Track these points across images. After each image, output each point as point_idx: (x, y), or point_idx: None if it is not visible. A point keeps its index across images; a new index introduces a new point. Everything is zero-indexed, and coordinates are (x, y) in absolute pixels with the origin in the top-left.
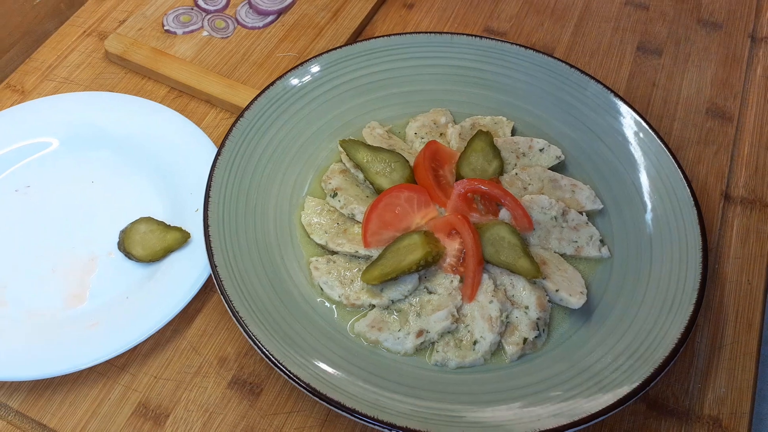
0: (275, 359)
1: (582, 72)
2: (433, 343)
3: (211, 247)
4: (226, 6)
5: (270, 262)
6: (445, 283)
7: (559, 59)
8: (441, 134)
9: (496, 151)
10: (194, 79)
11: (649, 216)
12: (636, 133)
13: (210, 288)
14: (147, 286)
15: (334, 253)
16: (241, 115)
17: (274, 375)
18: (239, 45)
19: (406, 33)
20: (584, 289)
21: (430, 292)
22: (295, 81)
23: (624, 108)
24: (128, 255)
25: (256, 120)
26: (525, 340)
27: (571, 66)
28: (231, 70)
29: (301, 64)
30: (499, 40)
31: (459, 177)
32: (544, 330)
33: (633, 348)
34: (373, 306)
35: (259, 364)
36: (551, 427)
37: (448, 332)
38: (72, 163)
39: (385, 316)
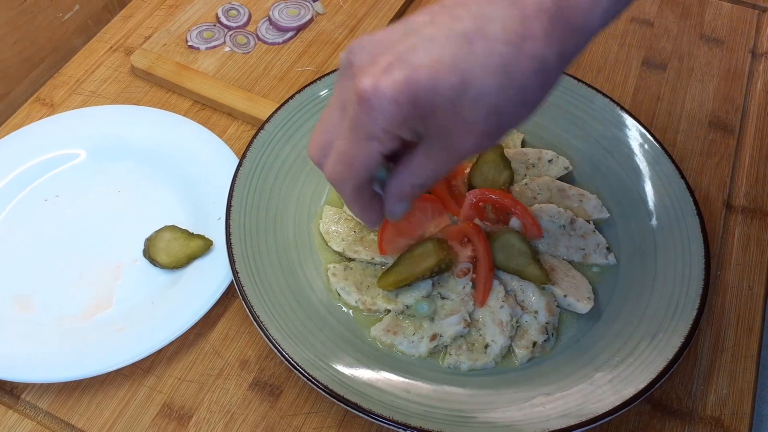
0: (294, 362)
1: (589, 86)
2: (446, 347)
3: (232, 254)
4: (248, 23)
5: (289, 268)
6: (458, 288)
7: (567, 73)
8: None
9: (506, 162)
10: (217, 92)
11: (653, 224)
12: (641, 145)
13: (232, 293)
14: (171, 291)
15: (351, 260)
16: (261, 128)
17: (294, 377)
18: (260, 60)
19: None
20: (591, 294)
21: (443, 298)
22: (313, 94)
23: (630, 120)
24: (153, 262)
25: (276, 132)
26: (534, 343)
27: (579, 80)
28: (252, 84)
29: (320, 78)
30: None
31: (471, 187)
32: (552, 334)
33: (638, 351)
34: (389, 311)
35: (278, 367)
36: (560, 427)
37: (461, 336)
38: (99, 173)
39: (400, 321)
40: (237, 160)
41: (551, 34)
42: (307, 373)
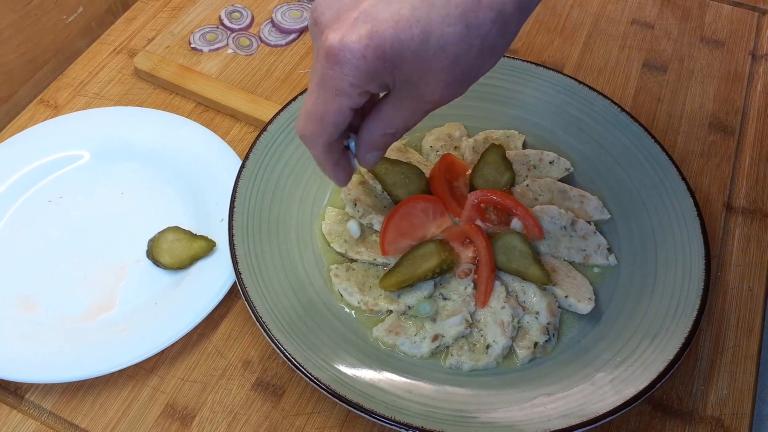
0: (297, 362)
1: (590, 88)
2: (448, 347)
3: (235, 255)
4: (250, 25)
5: (292, 269)
6: (460, 289)
7: (568, 76)
8: (455, 147)
9: (508, 164)
10: (219, 94)
11: (654, 225)
12: (642, 146)
13: (235, 294)
14: (174, 292)
15: (353, 261)
16: (264, 129)
17: (296, 378)
18: (263, 62)
19: None
20: (592, 295)
21: (445, 298)
22: None
23: (630, 122)
24: (156, 263)
25: (279, 133)
26: (536, 344)
27: (580, 82)
28: (255, 86)
29: None
30: (511, 57)
31: (472, 188)
32: (554, 334)
33: (639, 351)
34: (391, 311)
35: (281, 367)
36: (561, 427)
37: (463, 336)
38: (102, 175)
39: (402, 321)
40: (240, 162)
41: None
42: (310, 374)
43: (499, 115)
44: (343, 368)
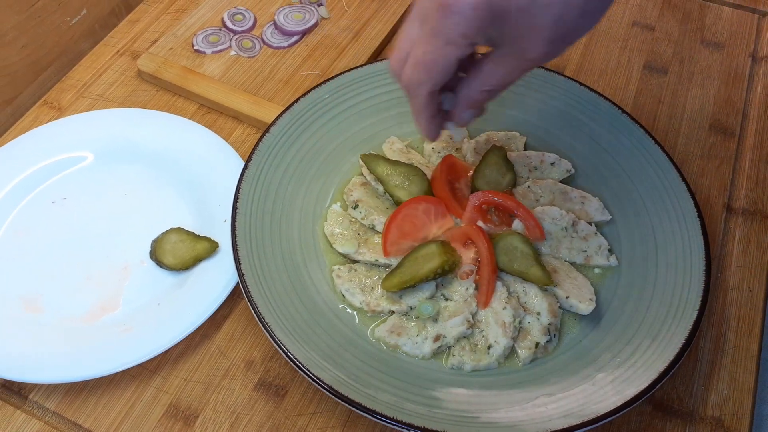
0: (299, 363)
1: (591, 90)
2: (449, 348)
3: (238, 256)
4: (253, 27)
5: (294, 270)
6: (461, 290)
7: (569, 77)
8: (457, 149)
9: (509, 165)
10: (222, 96)
11: (654, 226)
12: (642, 148)
13: (237, 295)
14: (177, 293)
15: (355, 261)
16: (266, 131)
17: (299, 378)
18: (265, 64)
19: None
20: (593, 296)
21: (446, 299)
22: (318, 98)
23: (631, 124)
24: (160, 264)
25: (281, 135)
26: (537, 344)
27: (581, 84)
28: (257, 87)
29: (324, 82)
30: None
31: (474, 189)
32: (555, 335)
33: (640, 352)
34: (393, 312)
35: (284, 368)
36: (562, 427)
37: (464, 337)
38: (106, 176)
39: (404, 322)
40: (242, 163)
41: None
42: (312, 374)
43: (501, 117)
44: (345, 368)
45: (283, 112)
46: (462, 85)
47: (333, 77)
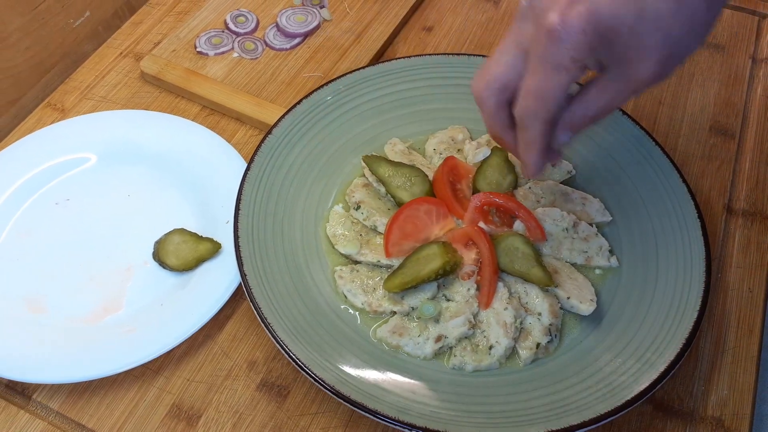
0: (302, 363)
1: None
2: (451, 348)
3: (241, 256)
4: (256, 29)
5: (297, 271)
6: (463, 291)
7: None
8: (458, 150)
9: (510, 166)
10: (225, 98)
11: (655, 227)
12: (643, 149)
13: (240, 295)
14: (180, 293)
15: (357, 262)
16: (269, 132)
17: (301, 378)
18: (267, 66)
19: (425, 54)
20: (594, 296)
21: (448, 300)
22: (320, 100)
23: (631, 125)
24: (163, 264)
25: (284, 137)
26: (538, 344)
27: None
28: (260, 89)
29: (326, 83)
30: None
31: (475, 190)
32: (556, 335)
33: (640, 352)
34: (395, 313)
35: (286, 368)
36: (563, 426)
37: (466, 337)
38: (109, 177)
39: (405, 322)
40: (245, 164)
41: None
42: (314, 374)
43: None
44: (347, 369)
45: (286, 113)
46: (564, 110)
47: (335, 79)
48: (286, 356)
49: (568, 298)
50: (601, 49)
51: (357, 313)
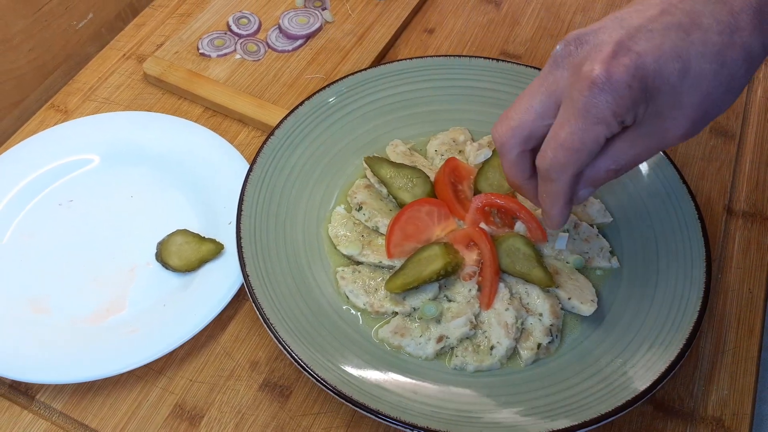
0: (304, 363)
1: None
2: (452, 348)
3: (243, 257)
4: (258, 31)
5: (299, 271)
6: (464, 291)
7: None
8: (460, 151)
9: None
10: (227, 99)
11: (655, 228)
12: None
13: (242, 296)
14: (183, 294)
15: (359, 263)
16: (271, 134)
17: (303, 378)
18: (270, 67)
19: (426, 56)
20: (595, 297)
21: (449, 300)
22: (322, 101)
23: None
24: (165, 265)
25: (286, 138)
26: (539, 345)
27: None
28: (262, 91)
29: (328, 85)
30: (514, 62)
31: (477, 192)
32: (557, 336)
33: (641, 352)
34: (396, 313)
35: (288, 368)
36: (564, 427)
37: (467, 338)
38: (112, 178)
39: (407, 323)
40: (247, 166)
41: (757, 26)
42: (316, 375)
43: None
44: (349, 369)
45: (288, 115)
46: (587, 165)
47: (337, 80)
48: (289, 357)
49: (569, 298)
50: (641, 105)
51: (359, 313)
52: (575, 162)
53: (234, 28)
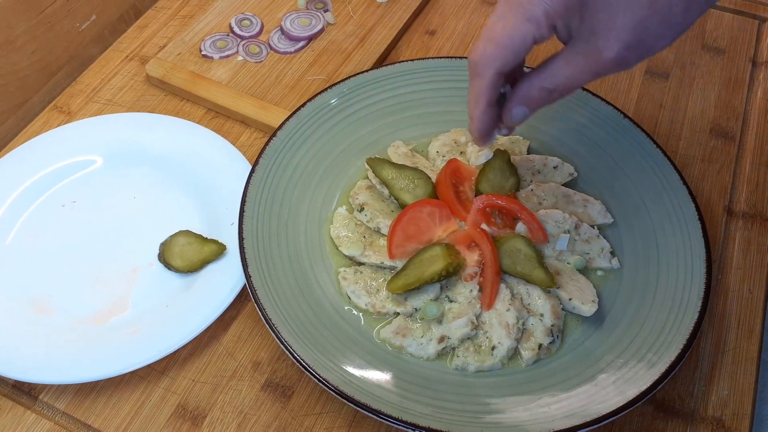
0: (306, 364)
1: (594, 94)
2: (453, 349)
3: (245, 258)
4: (260, 32)
5: (301, 272)
6: (465, 292)
7: None
8: (461, 152)
9: (512, 169)
10: (230, 101)
11: (656, 229)
12: (644, 152)
13: (245, 297)
14: (185, 295)
15: (361, 264)
16: (273, 135)
17: (305, 378)
18: (272, 69)
19: (428, 58)
20: (596, 297)
21: (451, 301)
22: (324, 103)
23: (633, 128)
24: (168, 266)
25: (288, 139)
26: (540, 345)
27: (583, 89)
28: (264, 92)
29: (330, 86)
30: None
31: (478, 193)
32: (558, 336)
33: (642, 353)
34: (398, 314)
35: (290, 369)
36: (565, 427)
37: (468, 338)
38: (115, 179)
39: (409, 323)
40: (250, 167)
41: None
42: (318, 375)
43: None
44: (350, 369)
45: (290, 116)
46: (522, 80)
47: (339, 82)
48: (291, 357)
49: (570, 299)
50: (575, 14)
51: (360, 314)
52: (499, 57)
53: (236, 29)
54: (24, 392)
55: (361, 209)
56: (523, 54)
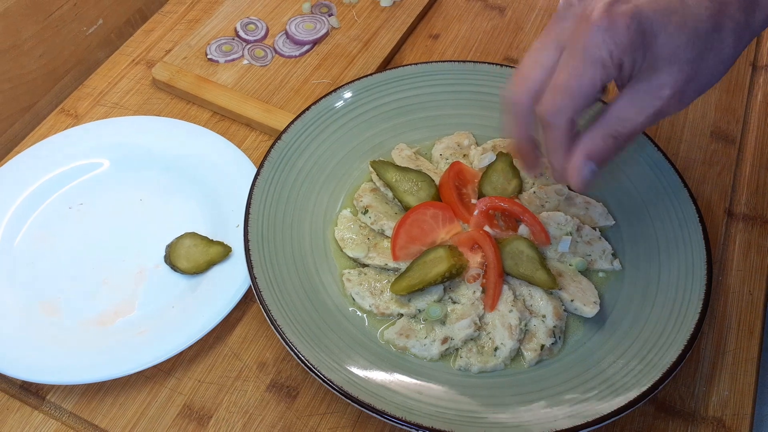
0: (311, 364)
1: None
2: (457, 350)
3: (251, 260)
4: (265, 36)
5: (305, 274)
6: (468, 293)
7: None
8: (464, 155)
9: (515, 171)
10: (235, 104)
11: (657, 231)
12: (645, 154)
13: (250, 298)
14: (191, 296)
15: (365, 265)
16: (278, 138)
17: (310, 379)
18: (277, 72)
19: (431, 61)
20: (597, 299)
21: (454, 302)
22: (328, 106)
23: None
24: (174, 267)
25: (293, 142)
26: (542, 346)
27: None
28: (269, 95)
29: (335, 90)
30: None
31: (481, 195)
32: (560, 337)
33: (643, 354)
34: (402, 315)
35: (295, 369)
36: (566, 427)
37: (471, 339)
38: (122, 182)
39: (412, 325)
40: (255, 170)
41: (743, 4)
42: (323, 375)
43: None
44: (355, 370)
45: (295, 119)
46: (584, 132)
47: (343, 86)
48: (296, 358)
49: (572, 300)
50: (639, 50)
51: (364, 315)
52: (571, 105)
53: (242, 33)
54: (31, 393)
55: (365, 211)
56: (594, 97)
